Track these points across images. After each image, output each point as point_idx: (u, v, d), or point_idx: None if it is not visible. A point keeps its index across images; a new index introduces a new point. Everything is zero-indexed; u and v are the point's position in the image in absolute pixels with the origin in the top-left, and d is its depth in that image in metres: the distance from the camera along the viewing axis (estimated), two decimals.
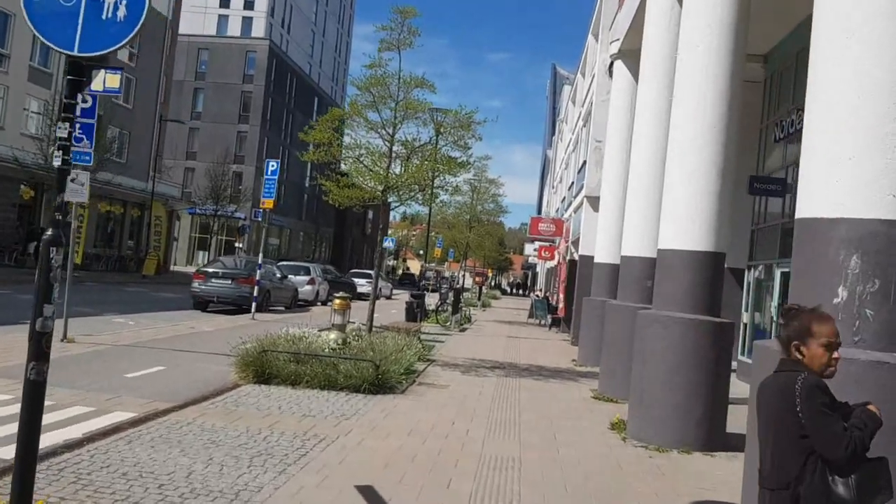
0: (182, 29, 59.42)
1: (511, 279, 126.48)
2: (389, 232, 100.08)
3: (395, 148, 12.48)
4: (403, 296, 36.89)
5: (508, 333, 22.49)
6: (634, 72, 15.68)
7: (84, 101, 10.85)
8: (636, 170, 11.58)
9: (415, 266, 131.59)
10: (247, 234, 58.83)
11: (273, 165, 17.98)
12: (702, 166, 8.27)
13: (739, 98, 8.62)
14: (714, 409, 8.26)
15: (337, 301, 10.97)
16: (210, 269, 20.49)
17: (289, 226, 70.53)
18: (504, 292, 79.75)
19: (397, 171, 12.32)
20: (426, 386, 10.65)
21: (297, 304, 24.29)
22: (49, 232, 3.99)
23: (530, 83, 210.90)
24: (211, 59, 61.65)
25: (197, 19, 65.59)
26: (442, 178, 12.95)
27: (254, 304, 18.19)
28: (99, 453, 5.80)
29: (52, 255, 3.97)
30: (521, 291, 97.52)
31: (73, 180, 11.09)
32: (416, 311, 17.34)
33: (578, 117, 26.30)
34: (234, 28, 67.03)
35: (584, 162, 21.53)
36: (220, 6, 67.49)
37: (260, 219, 61.74)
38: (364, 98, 12.49)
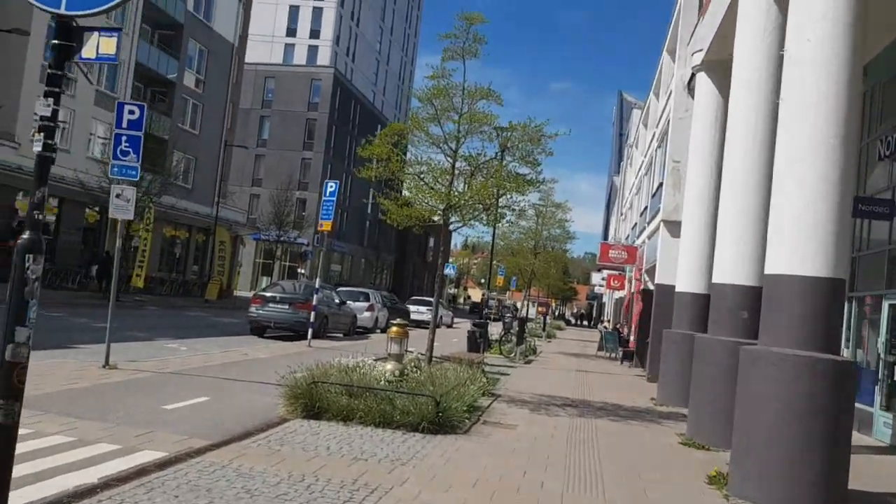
0: (249, 58, 60.42)
1: (575, 310, 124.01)
2: (450, 259, 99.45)
3: (457, 164, 11.56)
4: (465, 324, 35.83)
5: (577, 367, 21.17)
6: (720, 84, 14.48)
7: (131, 112, 10.27)
8: (729, 188, 10.36)
9: (475, 294, 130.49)
10: (309, 259, 58.82)
11: (332, 186, 17.31)
12: (819, 181, 7.07)
13: (857, 106, 7.42)
14: (834, 463, 6.96)
15: (394, 329, 10.02)
16: (268, 294, 19.88)
17: (350, 252, 70.45)
18: (568, 323, 77.81)
19: (460, 188, 11.37)
20: (492, 425, 9.57)
21: (355, 331, 23.51)
22: (25, 236, 3.13)
23: (594, 112, 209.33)
24: (277, 87, 62.42)
25: (264, 48, 66.68)
26: (508, 196, 11.93)
27: (310, 331, 17.41)
28: None
29: (28, 265, 3.10)
30: (585, 322, 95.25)
31: (118, 196, 10.51)
32: (478, 341, 16.30)
33: (652, 139, 25.03)
34: (299, 56, 67.89)
35: (660, 184, 20.25)
36: (287, 35, 68.52)
37: (321, 244, 61.99)
38: (426, 111, 11.63)
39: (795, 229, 7.16)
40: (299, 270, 59.40)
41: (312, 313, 17.49)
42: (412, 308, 37.50)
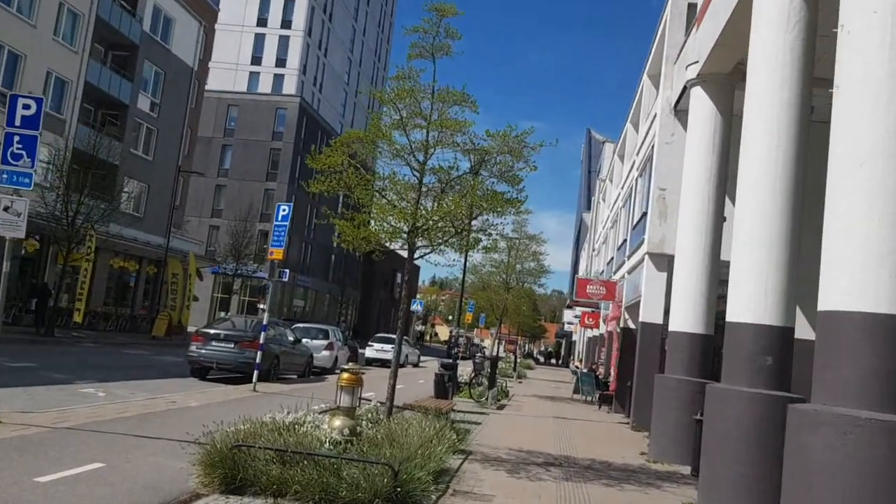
0: (211, 85, 58.63)
1: (542, 348, 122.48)
2: (417, 296, 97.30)
3: (426, 179, 9.82)
4: (432, 363, 33.89)
5: (554, 412, 19.33)
6: (717, 98, 13.02)
7: (26, 106, 8.38)
8: (746, 210, 8.74)
9: (443, 332, 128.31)
10: (268, 293, 56.41)
11: (284, 210, 15.46)
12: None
13: None
14: None
15: (345, 376, 8.12)
16: (211, 331, 17.77)
17: (315, 287, 68.17)
18: (537, 361, 75.98)
19: (428, 207, 9.61)
20: (463, 498, 7.69)
21: (311, 371, 21.42)
22: None
23: (563, 151, 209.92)
24: (240, 115, 60.52)
25: (228, 76, 64.91)
26: (484, 218, 10.19)
27: (255, 373, 15.37)
28: None
29: None
30: (553, 361, 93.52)
31: (6, 209, 8.53)
32: (446, 385, 14.43)
33: (631, 169, 23.63)
34: (265, 85, 66.18)
35: (643, 215, 18.73)
36: (252, 63, 66.83)
37: (285, 279, 59.61)
38: (389, 116, 9.91)
39: (863, 253, 5.50)
40: (259, 305, 56.92)
41: (259, 353, 15.46)
42: (376, 346, 35.45)
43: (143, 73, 37.65)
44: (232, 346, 17.13)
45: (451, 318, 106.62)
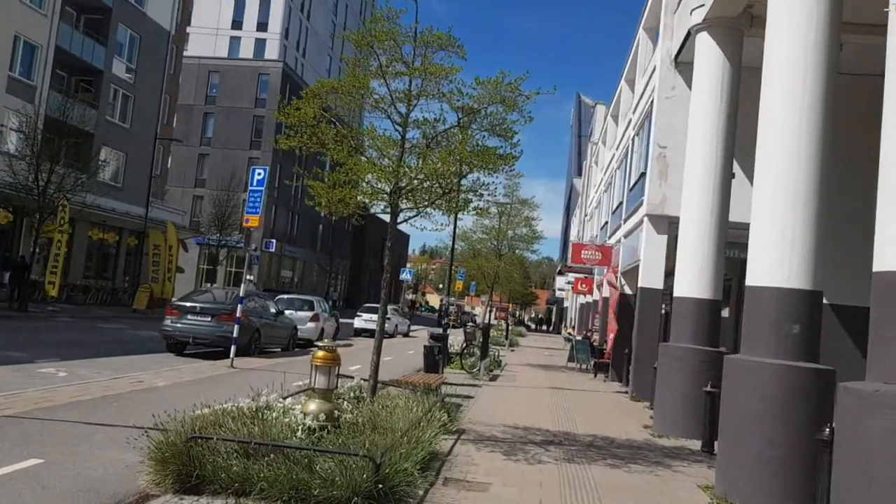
0: (191, 51, 56.95)
1: (533, 314, 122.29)
2: (408, 265, 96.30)
3: (409, 134, 8.81)
4: (422, 333, 33.14)
5: (549, 383, 18.54)
6: (726, 44, 11.99)
7: None
8: (767, 162, 7.80)
9: (433, 300, 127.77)
10: (256, 264, 55.48)
11: (259, 174, 14.40)
12: None
13: None
14: None
15: (319, 354, 7.18)
16: (187, 303, 16.77)
17: (302, 257, 67.12)
18: (528, 328, 75.49)
19: (412, 164, 8.61)
20: (455, 487, 6.83)
21: (296, 344, 20.51)
22: None
23: (550, 118, 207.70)
24: (222, 82, 58.83)
25: (207, 41, 63.02)
26: (475, 177, 9.21)
27: (233, 348, 14.42)
28: None
29: None
30: (544, 327, 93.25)
31: None
32: (436, 358, 13.54)
33: (626, 128, 22.61)
34: (246, 51, 64.29)
35: (642, 175, 17.78)
36: (232, 28, 64.84)
37: (272, 249, 58.64)
38: (366, 62, 8.88)
39: None
40: (246, 277, 55.93)
41: (236, 327, 14.50)
42: (365, 316, 34.57)
43: (117, 38, 36.13)
44: (209, 319, 16.16)
45: (441, 286, 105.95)
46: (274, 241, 57.54)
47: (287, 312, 21.83)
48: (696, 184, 11.98)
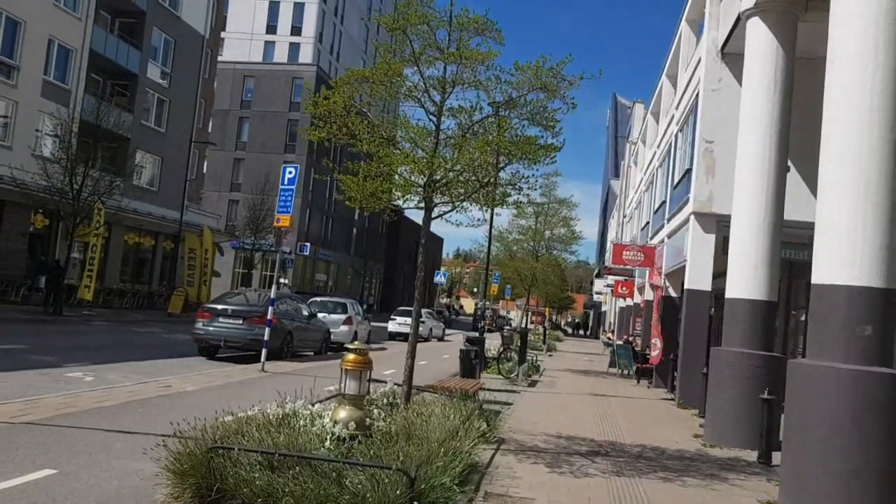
0: (226, 56, 57.31)
1: (570, 319, 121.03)
2: (441, 268, 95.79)
3: (444, 124, 8.30)
4: (457, 337, 32.61)
5: (591, 389, 17.87)
6: (779, 29, 11.30)
7: None
8: (834, 146, 7.14)
9: (468, 305, 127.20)
10: (291, 268, 55.57)
11: (290, 172, 14.00)
12: None
13: None
14: None
15: (349, 357, 6.69)
16: (218, 306, 16.47)
17: (336, 260, 67.07)
18: (565, 333, 74.48)
19: (447, 156, 8.09)
20: (497, 503, 6.28)
21: (328, 348, 20.10)
22: None
23: (586, 120, 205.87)
24: (256, 86, 59.05)
25: (243, 46, 63.38)
26: (513, 169, 8.65)
27: (264, 352, 14.04)
28: None
29: None
30: (581, 332, 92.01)
31: None
32: (473, 363, 12.98)
33: (669, 125, 21.86)
34: (280, 55, 64.49)
35: (687, 171, 17.05)
36: (267, 32, 65.11)
37: (306, 253, 58.63)
38: (400, 49, 8.39)
39: None
40: (281, 280, 56.02)
41: (266, 330, 14.11)
42: (399, 319, 34.18)
43: (151, 42, 36.26)
44: (240, 322, 15.83)
45: (475, 290, 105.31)
46: (308, 244, 57.52)
47: (320, 315, 21.46)
48: (749, 178, 11.29)
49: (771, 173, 11.08)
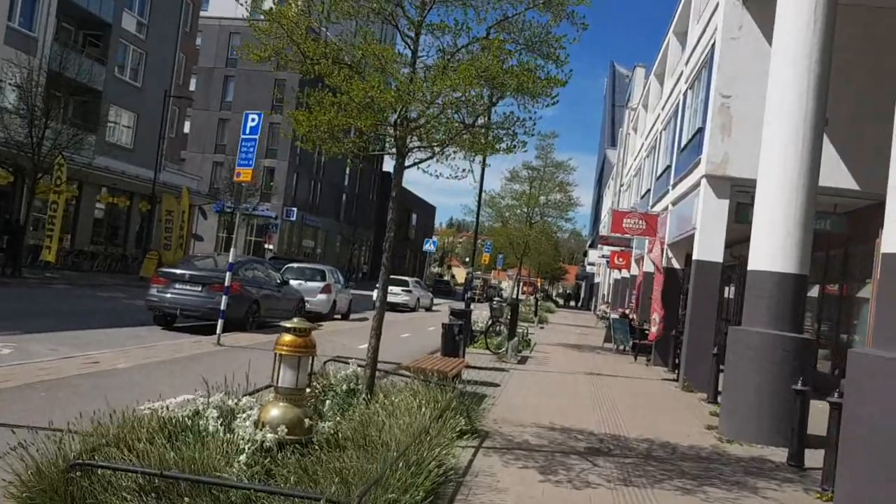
0: (212, 11, 54.90)
1: (561, 290, 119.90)
2: (434, 238, 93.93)
3: (422, 46, 6.65)
4: (447, 307, 31.05)
5: (586, 367, 16.40)
6: None
7: None
8: None
9: (459, 274, 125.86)
10: (273, 233, 53.92)
11: (253, 120, 12.29)
12: None
13: None
14: None
15: (286, 339, 5.12)
16: (176, 271, 14.83)
17: (324, 227, 65.30)
18: (556, 304, 73.17)
19: (425, 85, 6.43)
20: None
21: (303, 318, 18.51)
22: None
23: (581, 90, 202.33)
24: (242, 43, 56.69)
25: (229, 1, 60.85)
26: (506, 111, 7.00)
27: (220, 322, 12.44)
28: None
29: None
30: (572, 303, 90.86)
31: None
32: (456, 339, 11.44)
33: (677, 83, 20.15)
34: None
35: (699, 131, 15.41)
36: None
37: (293, 218, 56.85)
38: None
39: None
40: (266, 246, 54.35)
41: (224, 298, 12.50)
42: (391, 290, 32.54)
43: None
44: (199, 288, 14.20)
45: (468, 260, 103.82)
46: (295, 209, 55.80)
47: (296, 283, 19.88)
48: (780, 133, 9.68)
49: (807, 125, 9.47)
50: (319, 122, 6.18)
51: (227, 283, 12.42)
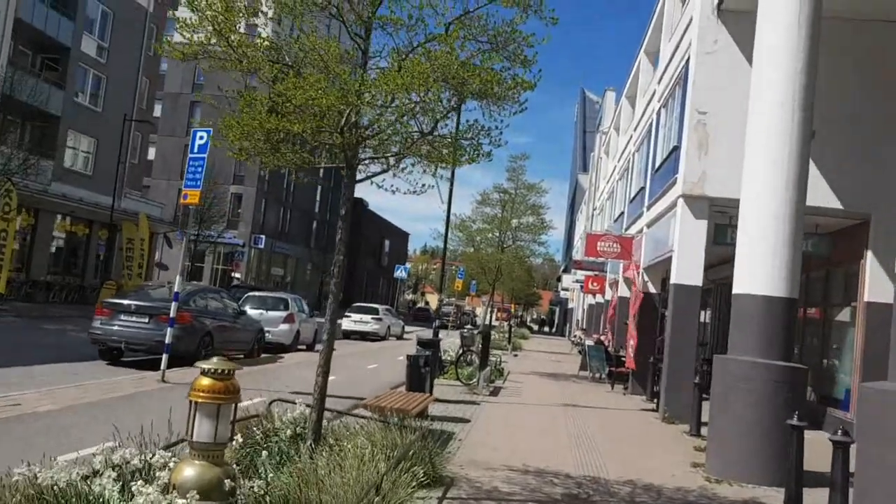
0: (178, 36, 53.98)
1: (535, 315, 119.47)
2: (407, 264, 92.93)
3: (374, 51, 5.90)
4: (420, 334, 30.22)
5: (561, 397, 15.59)
6: None
7: None
8: None
9: (434, 301, 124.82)
10: (240, 261, 52.78)
11: (202, 138, 11.45)
12: None
13: None
14: None
15: (203, 383, 4.24)
16: (121, 301, 13.82)
17: (295, 254, 64.15)
18: (531, 330, 72.41)
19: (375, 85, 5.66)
20: None
21: (263, 349, 17.51)
22: None
23: (552, 119, 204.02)
24: (210, 69, 55.72)
25: None
26: (469, 120, 6.25)
27: (164, 357, 11.46)
28: None
29: None
30: (546, 329, 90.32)
31: None
32: (422, 372, 10.57)
33: (649, 102, 19.66)
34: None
35: (674, 149, 14.84)
36: None
37: (261, 245, 55.70)
38: None
39: None
40: (234, 275, 53.08)
41: (168, 330, 11.53)
42: (354, 316, 31.66)
43: (87, 12, 33.15)
44: (146, 320, 13.19)
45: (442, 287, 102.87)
46: (263, 236, 54.69)
47: (256, 312, 18.91)
48: (765, 145, 9.06)
49: (794, 138, 8.86)
50: (252, 127, 5.38)
51: (171, 314, 11.44)
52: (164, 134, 54.40)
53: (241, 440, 6.28)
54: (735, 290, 9.25)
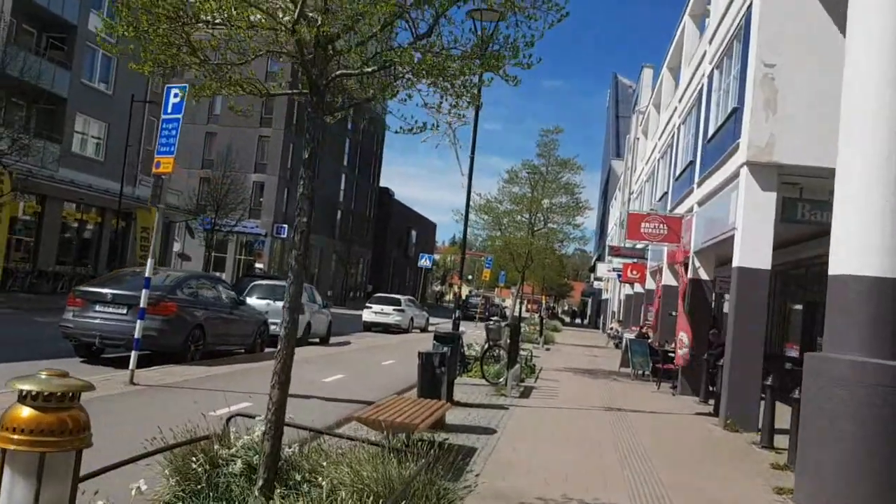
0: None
1: (566, 307, 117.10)
2: (435, 255, 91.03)
3: None
4: (444, 327, 28.44)
5: (602, 399, 13.63)
6: None
7: None
8: None
9: (462, 292, 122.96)
10: (261, 251, 51.44)
11: (176, 95, 9.70)
12: None
13: None
14: None
15: (19, 414, 2.41)
16: (96, 290, 12.13)
17: (319, 245, 62.61)
18: (563, 322, 70.16)
19: None
20: None
21: (265, 343, 15.70)
22: None
23: (583, 107, 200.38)
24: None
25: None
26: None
27: (133, 354, 9.72)
28: None
29: None
30: (579, 320, 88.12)
31: None
32: (438, 373, 8.68)
33: (699, 65, 17.51)
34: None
35: (734, 111, 12.75)
36: None
37: (283, 235, 54.23)
38: None
39: None
40: (257, 265, 51.71)
41: (138, 323, 9.79)
42: (375, 308, 29.95)
43: None
44: (124, 311, 11.46)
45: (470, 277, 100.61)
46: (286, 226, 53.18)
47: (263, 303, 17.21)
48: (870, 87, 7.02)
49: None
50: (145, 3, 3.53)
51: (142, 304, 9.69)
52: (184, 121, 53.03)
53: (173, 481, 4.52)
54: (832, 272, 7.23)
